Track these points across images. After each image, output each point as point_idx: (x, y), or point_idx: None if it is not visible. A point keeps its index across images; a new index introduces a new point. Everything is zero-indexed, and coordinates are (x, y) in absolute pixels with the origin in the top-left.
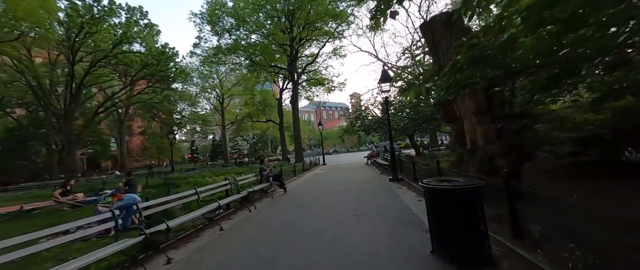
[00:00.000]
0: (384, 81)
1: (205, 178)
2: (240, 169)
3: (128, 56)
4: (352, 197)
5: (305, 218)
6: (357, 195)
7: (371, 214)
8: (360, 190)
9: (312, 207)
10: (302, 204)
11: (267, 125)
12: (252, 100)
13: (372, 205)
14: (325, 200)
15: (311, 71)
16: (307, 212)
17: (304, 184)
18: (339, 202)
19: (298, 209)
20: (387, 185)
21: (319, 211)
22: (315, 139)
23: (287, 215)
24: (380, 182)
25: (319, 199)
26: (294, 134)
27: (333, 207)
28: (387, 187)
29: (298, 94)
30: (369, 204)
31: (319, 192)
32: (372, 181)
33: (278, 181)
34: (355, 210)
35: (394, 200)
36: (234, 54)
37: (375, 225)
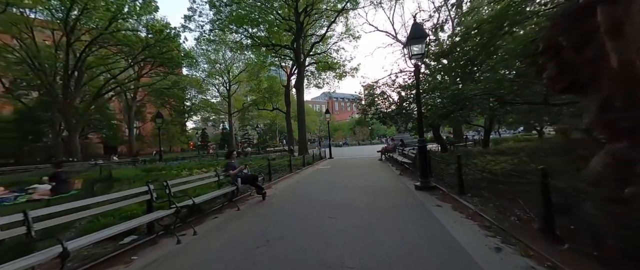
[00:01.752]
0: (416, 40)
1: (182, 171)
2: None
3: (127, 36)
4: (360, 223)
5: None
6: (369, 219)
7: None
8: (373, 207)
9: (287, 242)
10: (275, 233)
11: (273, 114)
12: (258, 87)
13: (400, 257)
14: (312, 227)
15: (320, 53)
16: (270, 259)
17: (294, 186)
18: (336, 236)
19: (259, 247)
20: (414, 197)
21: (295, 259)
22: (325, 130)
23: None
24: (402, 191)
25: (301, 223)
26: (298, 122)
27: (322, 256)
28: (415, 202)
29: (304, 79)
30: (394, 249)
31: (308, 204)
32: (390, 188)
33: (253, 185)
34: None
35: (441, 240)
36: (233, 29)
37: None
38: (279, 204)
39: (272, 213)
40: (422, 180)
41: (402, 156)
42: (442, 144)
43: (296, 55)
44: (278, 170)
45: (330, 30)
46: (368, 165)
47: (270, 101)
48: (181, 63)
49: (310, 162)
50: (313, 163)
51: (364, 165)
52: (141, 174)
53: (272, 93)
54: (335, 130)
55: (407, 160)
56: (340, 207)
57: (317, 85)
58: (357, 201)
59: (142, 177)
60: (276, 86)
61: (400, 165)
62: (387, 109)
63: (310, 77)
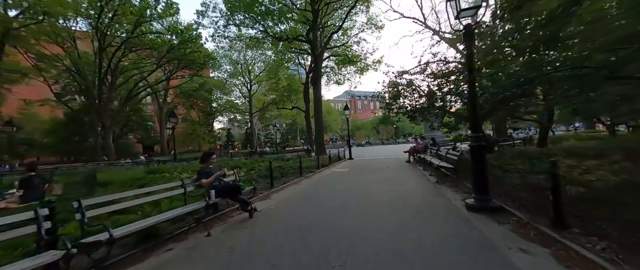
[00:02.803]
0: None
1: (182, 173)
2: (237, 162)
3: (152, 39)
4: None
5: None
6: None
7: None
8: (405, 244)
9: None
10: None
11: (293, 113)
12: (277, 85)
13: None
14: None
15: (339, 46)
16: None
17: (298, 198)
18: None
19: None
20: (471, 226)
21: None
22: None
23: None
24: (448, 212)
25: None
26: (315, 120)
27: None
28: (477, 238)
29: (321, 73)
30: None
31: (307, 232)
32: (427, 205)
33: (234, 199)
34: None
35: None
36: (246, 22)
37: None
38: (266, 230)
39: (248, 248)
40: (478, 196)
41: (438, 158)
42: (491, 144)
43: (312, 47)
44: (286, 173)
45: (349, 19)
46: (393, 169)
47: (289, 99)
48: (203, 64)
49: (326, 163)
50: (329, 164)
51: (389, 169)
52: (137, 176)
53: (291, 91)
54: (358, 129)
55: (446, 163)
56: (352, 241)
57: (337, 81)
58: (378, 230)
59: (129, 182)
60: (295, 84)
61: (436, 169)
62: (416, 103)
63: (329, 73)
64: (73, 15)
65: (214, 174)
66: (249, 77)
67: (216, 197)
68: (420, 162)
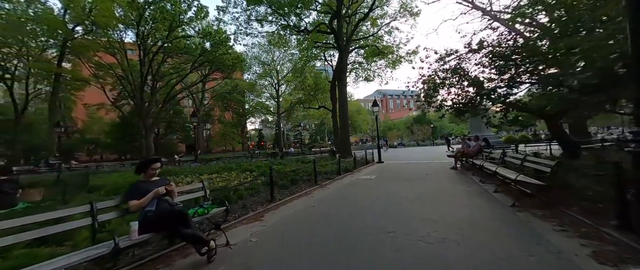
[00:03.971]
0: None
1: (192, 175)
2: (248, 164)
3: (186, 44)
4: None
5: None
6: None
7: None
8: None
9: None
10: None
11: (320, 113)
12: (303, 83)
13: None
14: None
15: (367, 37)
16: None
17: (302, 220)
18: None
19: None
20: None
21: None
22: (380, 130)
23: None
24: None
25: None
26: (340, 118)
27: None
28: None
29: (346, 67)
30: None
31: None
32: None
33: (179, 234)
34: None
35: None
36: (269, 17)
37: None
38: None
39: None
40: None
41: (503, 166)
42: (573, 145)
43: (336, 38)
44: (298, 181)
45: (378, 7)
46: (436, 177)
47: (315, 99)
48: (232, 66)
49: (350, 168)
50: (353, 169)
51: (429, 177)
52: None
53: (318, 90)
54: (389, 130)
55: (527, 179)
56: None
57: (366, 78)
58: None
59: (124, 187)
60: (322, 83)
61: (501, 182)
62: (467, 93)
63: (358, 69)
64: (118, 26)
65: (150, 190)
66: (276, 77)
67: (146, 231)
68: (473, 169)
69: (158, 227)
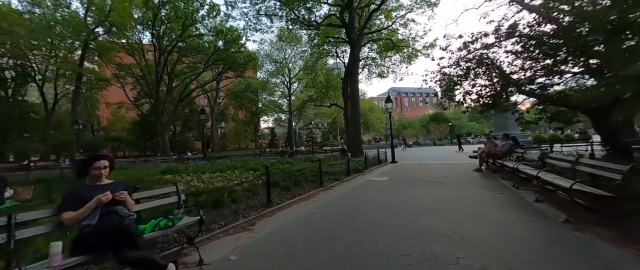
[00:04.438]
0: None
1: (193, 174)
2: (253, 163)
3: (200, 43)
4: None
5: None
6: None
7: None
8: None
9: None
10: None
11: (331, 111)
12: (314, 81)
13: None
14: None
15: (381, 30)
16: None
17: (299, 230)
18: None
19: None
20: None
21: None
22: (394, 129)
23: None
24: None
25: None
26: (350, 115)
27: None
28: None
29: (358, 62)
30: None
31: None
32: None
33: (121, 259)
34: None
35: None
36: (278, 11)
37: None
38: None
39: None
40: None
41: (546, 171)
42: (624, 145)
43: (347, 30)
44: (301, 182)
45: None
46: (458, 182)
47: (327, 96)
48: (244, 64)
49: (360, 168)
50: (364, 170)
51: (450, 181)
52: (133, 178)
53: (329, 87)
54: (404, 128)
55: (587, 188)
56: None
57: (380, 74)
58: None
59: None
60: (333, 80)
61: (542, 189)
62: (492, 87)
63: (371, 65)
64: (136, 27)
65: (95, 198)
66: (288, 75)
67: (79, 252)
68: (498, 170)
69: (94, 247)
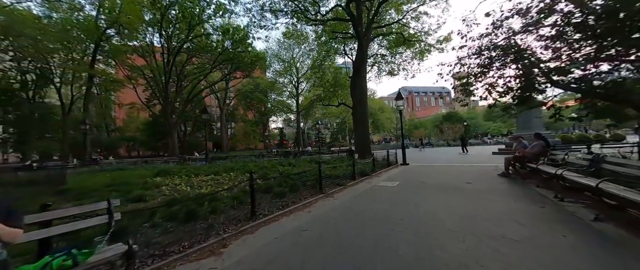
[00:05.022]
0: None
1: (182, 176)
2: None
3: (208, 43)
4: None
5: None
6: None
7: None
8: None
9: None
10: None
11: (340, 111)
12: (322, 79)
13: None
14: None
15: (391, 23)
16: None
17: (282, 256)
18: None
19: None
20: None
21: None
22: (405, 129)
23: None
24: None
25: None
26: (358, 113)
27: None
28: None
29: (366, 57)
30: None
31: None
32: None
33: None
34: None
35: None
36: (283, 7)
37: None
38: None
39: None
40: None
41: (607, 181)
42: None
43: (354, 23)
44: (299, 188)
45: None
46: (483, 190)
47: (335, 96)
48: (252, 64)
49: (368, 171)
50: (372, 173)
51: (472, 188)
52: (114, 181)
53: (337, 86)
54: (416, 128)
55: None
56: None
57: (390, 72)
58: None
59: (96, 189)
60: (342, 79)
61: (598, 203)
62: (522, 78)
63: (381, 62)
64: (147, 29)
65: None
66: (296, 75)
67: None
68: (529, 175)
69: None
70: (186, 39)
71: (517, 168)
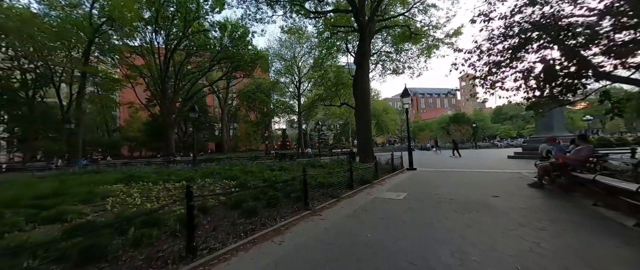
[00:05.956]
0: None
1: (149, 182)
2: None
3: (206, 40)
4: None
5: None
6: None
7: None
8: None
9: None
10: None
11: (342, 111)
12: (323, 78)
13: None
14: None
15: (396, 15)
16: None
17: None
18: None
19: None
20: None
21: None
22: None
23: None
24: None
25: None
26: (360, 112)
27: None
28: None
29: (369, 52)
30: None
31: None
32: None
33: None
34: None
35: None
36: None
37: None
38: None
39: None
40: None
41: None
42: None
43: (355, 13)
44: (279, 201)
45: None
46: (518, 207)
47: (337, 96)
48: (252, 63)
49: (369, 178)
50: (374, 180)
51: (503, 206)
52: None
53: (339, 85)
54: (421, 130)
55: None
56: None
57: (395, 70)
58: None
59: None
60: (344, 78)
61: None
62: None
63: (385, 60)
64: (144, 27)
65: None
66: (298, 74)
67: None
68: (570, 186)
69: None
70: (183, 36)
71: (553, 177)
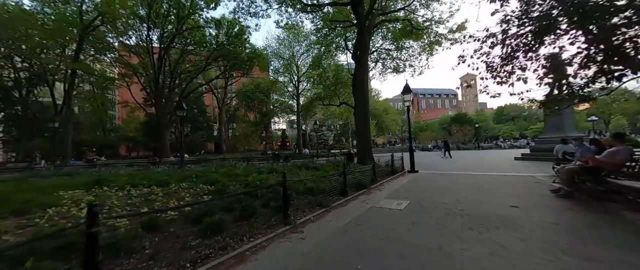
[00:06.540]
0: None
1: (115, 187)
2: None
3: (201, 37)
4: None
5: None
6: None
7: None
8: None
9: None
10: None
11: (341, 111)
12: (322, 76)
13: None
14: None
15: (397, 10)
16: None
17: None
18: None
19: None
20: None
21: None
22: (408, 131)
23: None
24: None
25: None
26: (359, 112)
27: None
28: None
29: (368, 47)
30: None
31: None
32: None
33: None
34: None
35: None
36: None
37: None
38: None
39: None
40: None
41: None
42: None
43: (353, 5)
44: (255, 213)
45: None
46: (549, 222)
47: (336, 95)
48: (249, 62)
49: (366, 182)
50: (371, 185)
51: (526, 217)
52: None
53: (338, 84)
54: (422, 130)
55: None
56: None
57: (395, 68)
58: None
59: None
60: (344, 77)
61: None
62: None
63: (385, 58)
64: (139, 24)
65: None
66: (297, 74)
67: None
68: (603, 194)
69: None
70: (177, 32)
71: (577, 182)
